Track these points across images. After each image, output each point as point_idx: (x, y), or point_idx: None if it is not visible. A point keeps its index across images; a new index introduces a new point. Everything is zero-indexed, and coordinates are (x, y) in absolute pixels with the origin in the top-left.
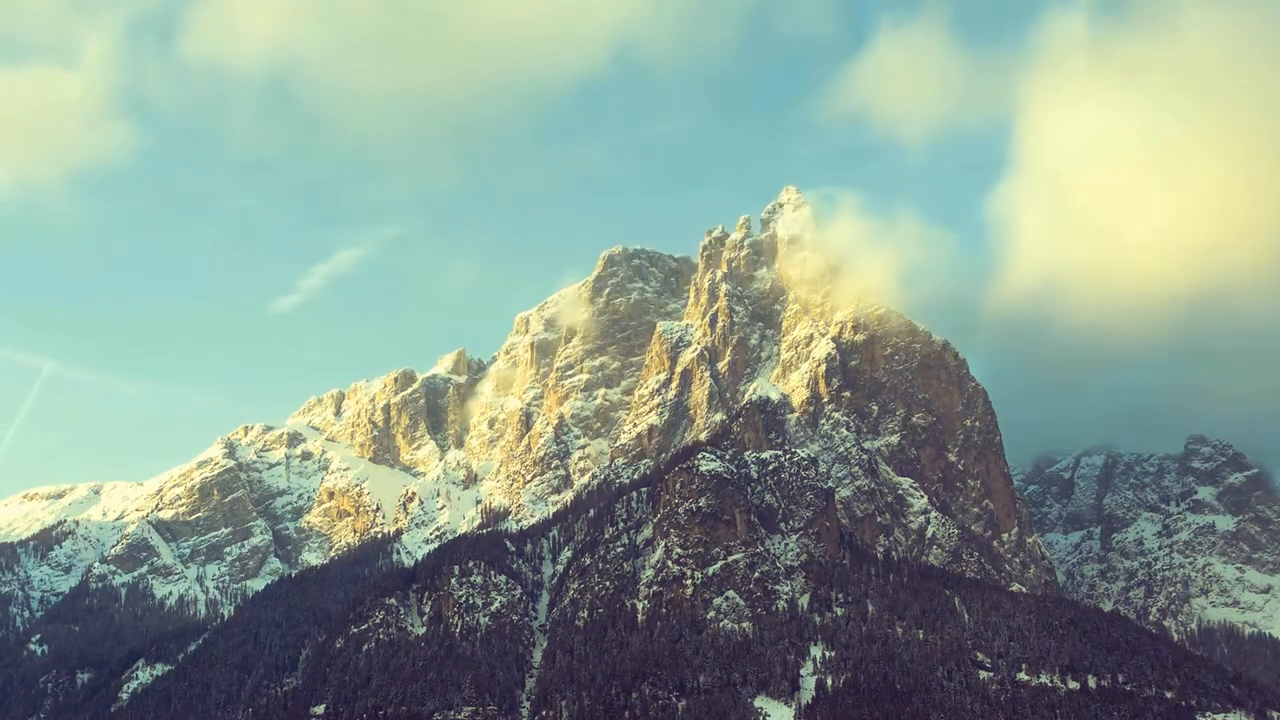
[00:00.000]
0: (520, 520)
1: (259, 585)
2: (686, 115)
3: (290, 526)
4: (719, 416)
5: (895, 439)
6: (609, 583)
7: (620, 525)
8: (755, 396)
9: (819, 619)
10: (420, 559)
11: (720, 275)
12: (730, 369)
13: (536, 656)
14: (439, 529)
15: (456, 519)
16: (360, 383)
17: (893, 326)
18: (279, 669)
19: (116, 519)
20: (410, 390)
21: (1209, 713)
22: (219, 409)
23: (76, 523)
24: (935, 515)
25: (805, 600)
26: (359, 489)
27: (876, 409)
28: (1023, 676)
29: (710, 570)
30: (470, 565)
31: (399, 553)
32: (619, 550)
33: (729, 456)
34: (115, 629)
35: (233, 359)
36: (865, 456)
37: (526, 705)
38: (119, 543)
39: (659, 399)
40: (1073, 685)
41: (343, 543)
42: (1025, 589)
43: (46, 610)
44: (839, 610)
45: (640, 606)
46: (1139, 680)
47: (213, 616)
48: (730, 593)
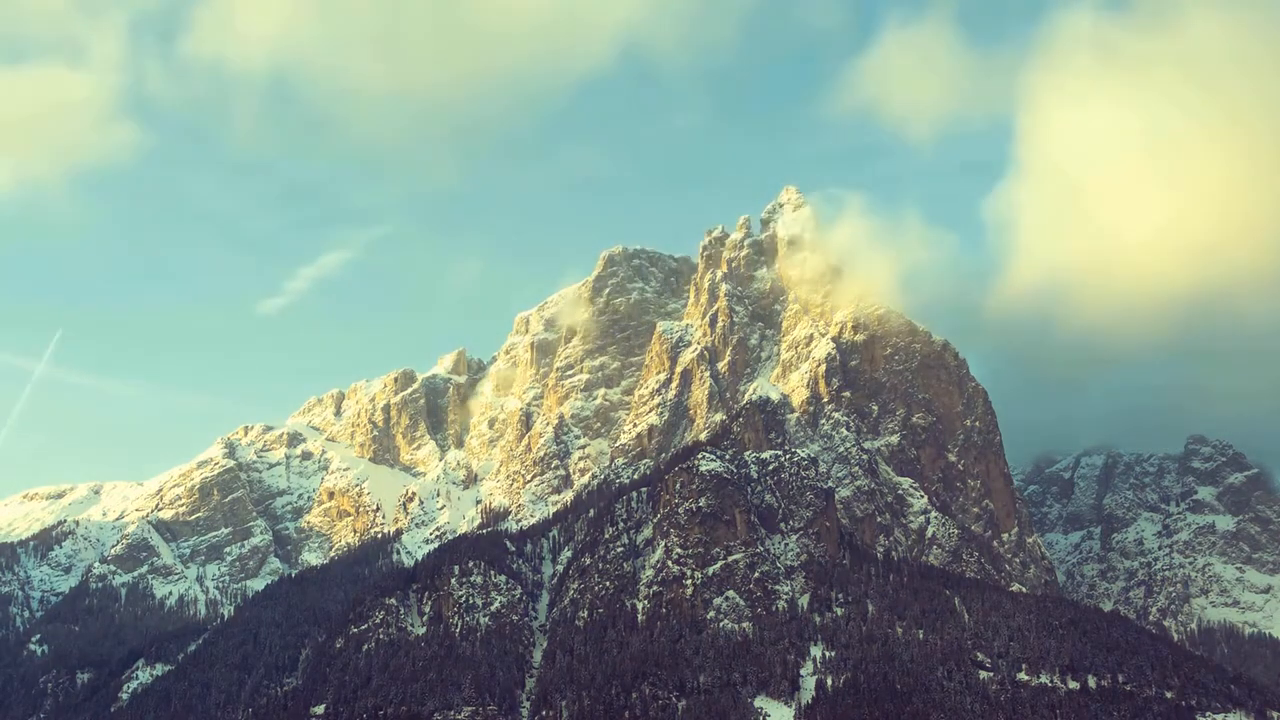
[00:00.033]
0: (520, 520)
1: (259, 585)
2: (689, 114)
3: (290, 526)
4: (719, 416)
5: (895, 439)
6: (609, 583)
7: (620, 525)
8: (755, 396)
9: (819, 619)
10: (420, 559)
11: (720, 275)
12: (730, 369)
13: (536, 656)
14: (439, 529)
15: (456, 519)
16: (360, 383)
17: (893, 326)
18: (279, 669)
19: (116, 519)
20: (410, 390)
21: (1209, 713)
22: (219, 410)
23: (76, 523)
24: (935, 515)
25: (805, 600)
26: (359, 489)
27: (876, 409)
28: (1023, 676)
29: (710, 570)
30: (470, 565)
31: (399, 553)
32: (619, 550)
33: (729, 456)
34: (115, 629)
35: (233, 359)
36: (865, 456)
37: (526, 705)
38: (119, 543)
39: (659, 399)
40: (1073, 685)
41: (343, 543)
42: (1025, 589)
43: (46, 610)
44: (839, 610)
45: (640, 606)
46: (1139, 680)
47: (213, 616)
48: (730, 593)
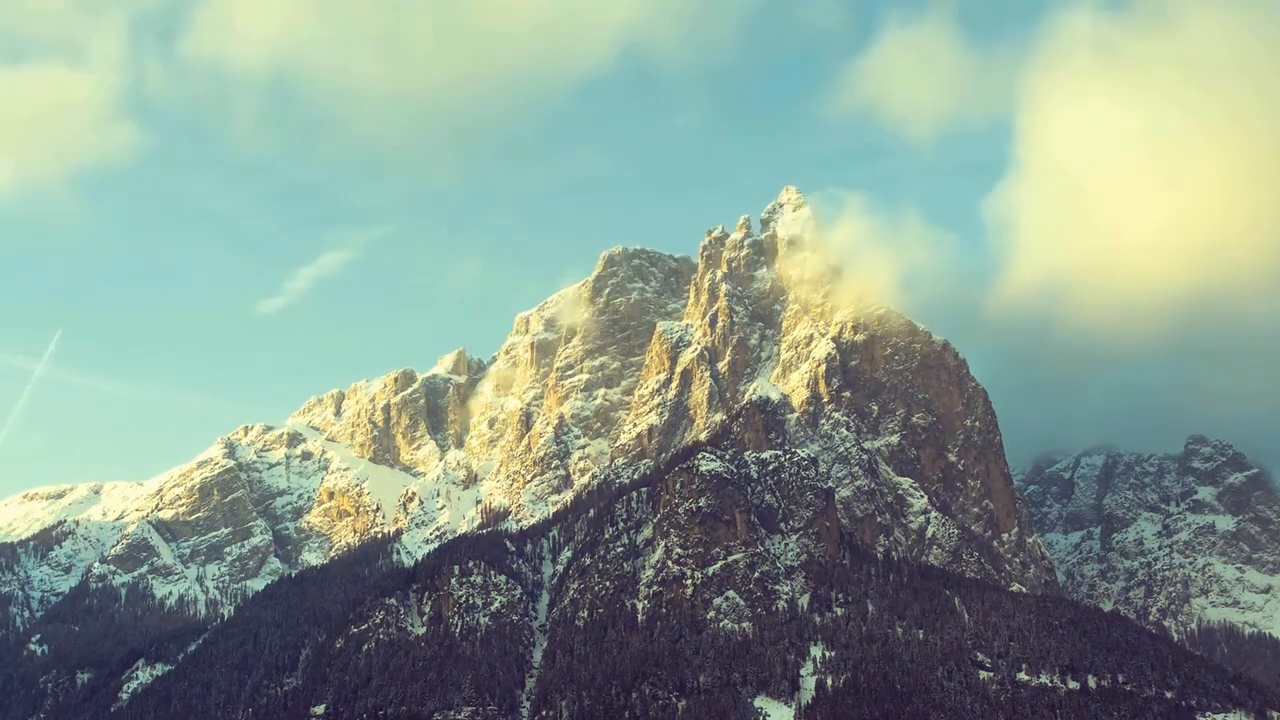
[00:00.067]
0: (520, 520)
1: (259, 585)
2: (689, 114)
3: (290, 526)
4: (719, 416)
5: (895, 439)
6: (609, 583)
7: (620, 525)
8: (755, 396)
9: (819, 619)
10: (420, 559)
11: (720, 275)
12: (730, 369)
13: (536, 656)
14: (439, 529)
15: (456, 519)
16: (360, 383)
17: (893, 326)
18: (279, 669)
19: (116, 519)
20: (410, 390)
21: (1209, 713)
22: (219, 410)
23: (76, 523)
24: (935, 515)
25: (805, 600)
26: (359, 489)
27: (876, 409)
28: (1023, 676)
29: (710, 570)
30: (470, 565)
31: (399, 553)
32: (619, 550)
33: (729, 456)
34: (115, 629)
35: (233, 359)
36: (865, 456)
37: (526, 705)
38: (119, 543)
39: (659, 399)
40: (1073, 685)
41: (343, 543)
42: (1025, 589)
43: (46, 610)
44: (839, 610)
45: (640, 606)
46: (1139, 680)
47: (213, 616)
48: (730, 593)
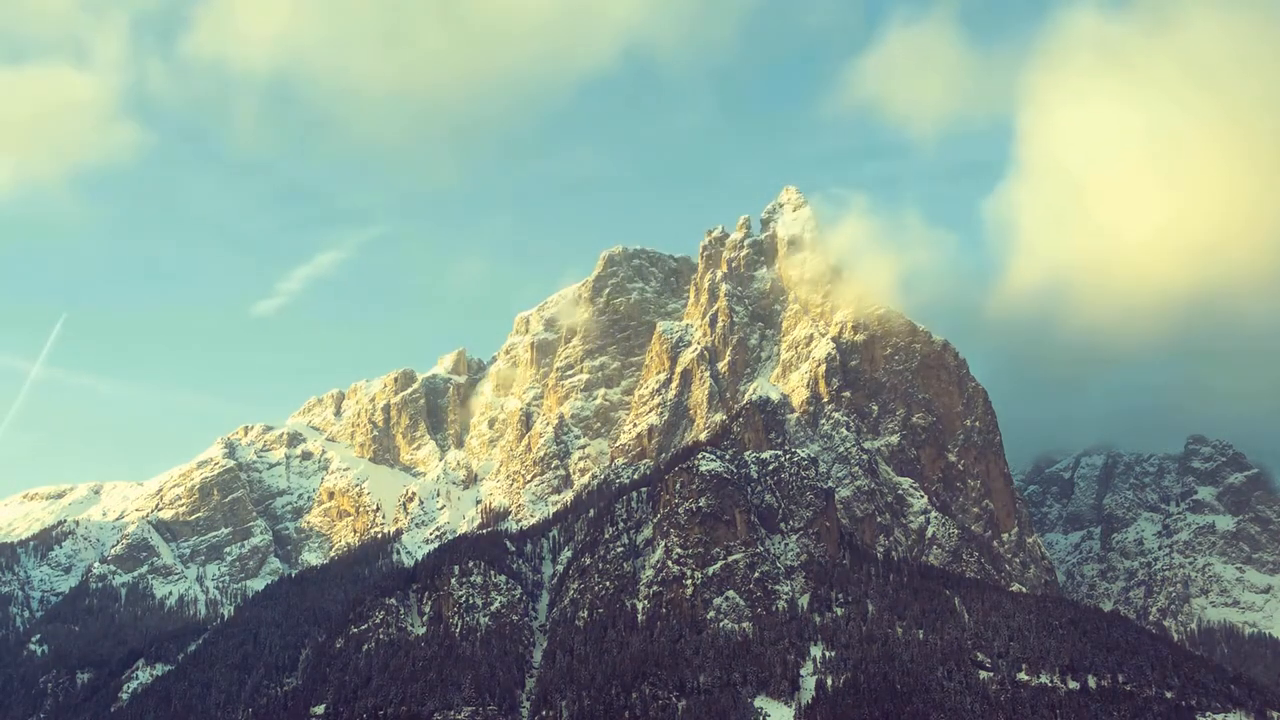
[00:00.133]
0: (520, 520)
1: (259, 585)
2: (690, 114)
3: (290, 526)
4: (719, 416)
5: (895, 439)
6: (609, 583)
7: (620, 525)
8: (755, 396)
9: (819, 619)
10: (420, 559)
11: (720, 275)
12: (730, 369)
13: (536, 656)
14: (439, 529)
15: (456, 519)
16: (360, 383)
17: (893, 326)
18: (279, 669)
19: (116, 519)
20: (410, 390)
21: (1209, 713)
22: (219, 410)
23: (76, 523)
24: (935, 515)
25: (805, 600)
26: (359, 489)
27: (876, 409)
28: (1023, 676)
29: (710, 570)
30: (470, 565)
31: (399, 553)
32: (619, 550)
33: (729, 456)
34: (115, 629)
35: (232, 359)
36: (865, 456)
37: (526, 705)
38: (119, 543)
39: (659, 399)
40: (1073, 685)
41: (343, 543)
42: (1025, 589)
43: (46, 610)
44: (839, 610)
45: (640, 606)
46: (1139, 680)
47: (213, 616)
48: (730, 593)
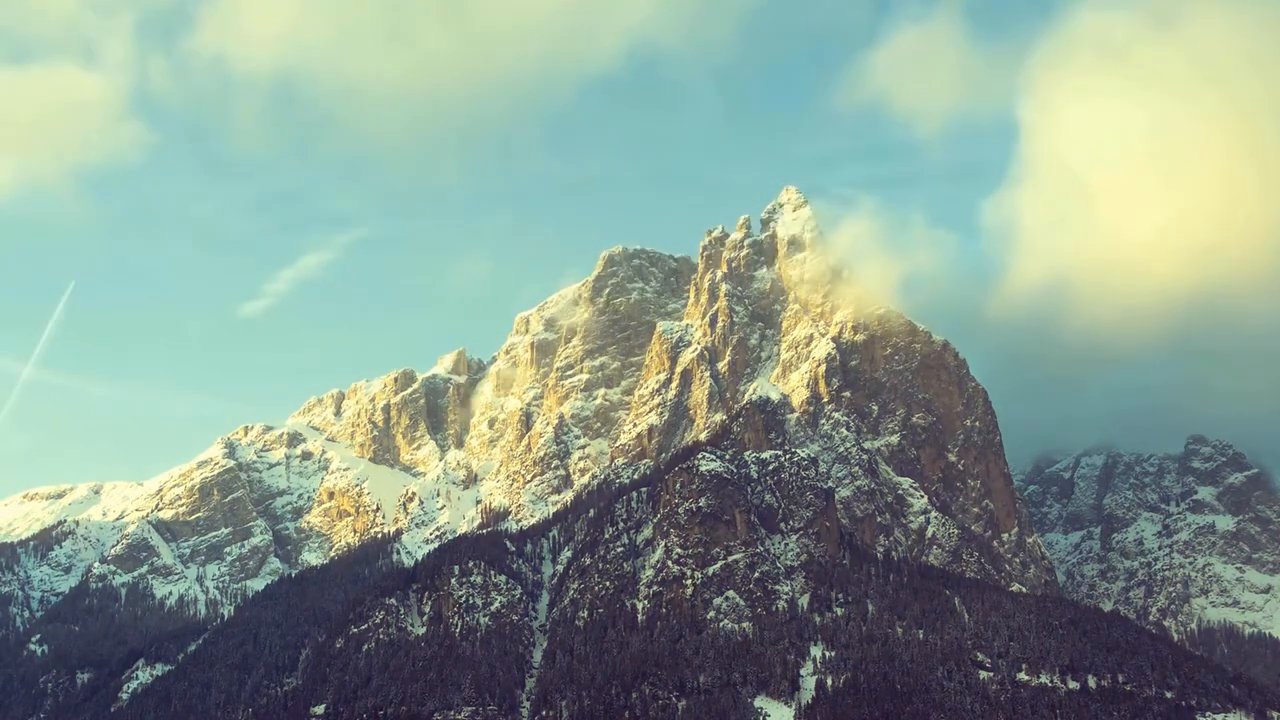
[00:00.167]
0: (520, 520)
1: (259, 585)
2: (693, 113)
3: (290, 526)
4: (719, 416)
5: (895, 439)
6: (609, 583)
7: (620, 525)
8: (755, 396)
9: (819, 619)
10: (420, 559)
11: (720, 275)
12: (730, 369)
13: (536, 656)
14: (439, 529)
15: (456, 519)
16: (360, 383)
17: (893, 326)
18: (279, 669)
19: (116, 519)
20: (410, 390)
21: (1209, 713)
22: (219, 410)
23: (76, 523)
24: (935, 515)
25: (805, 600)
26: (359, 489)
27: (876, 409)
28: (1023, 676)
29: (710, 570)
30: (470, 565)
31: (399, 553)
32: (619, 550)
33: (729, 456)
34: (115, 629)
35: (232, 359)
36: (865, 456)
37: (526, 705)
38: (119, 543)
39: (659, 399)
40: (1073, 685)
41: (343, 543)
42: (1025, 589)
43: (46, 610)
44: (839, 610)
45: (640, 606)
46: (1139, 680)
47: (213, 616)
48: (730, 593)
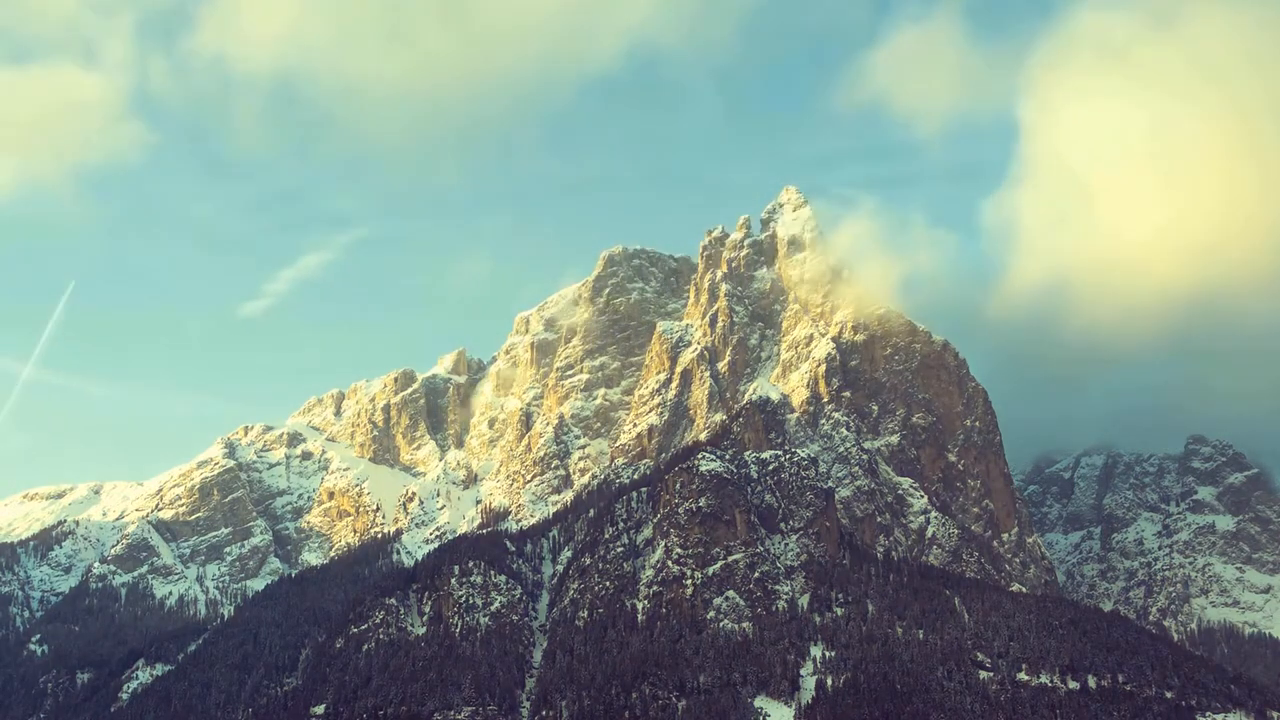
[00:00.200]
0: (520, 520)
1: (259, 585)
2: (693, 113)
3: (290, 526)
4: (719, 416)
5: (895, 439)
6: (609, 583)
7: (620, 525)
8: (755, 396)
9: (819, 619)
10: (420, 559)
11: (720, 275)
12: (730, 369)
13: (536, 656)
14: (439, 529)
15: (456, 519)
16: (360, 383)
17: (893, 326)
18: (279, 669)
19: (116, 519)
20: (410, 390)
21: (1209, 713)
22: (219, 410)
23: (76, 523)
24: (935, 515)
25: (805, 600)
26: (359, 489)
27: (876, 409)
28: (1023, 676)
29: (710, 570)
30: (470, 565)
31: (399, 553)
32: (619, 550)
33: (729, 456)
34: (115, 629)
35: (232, 360)
36: (865, 456)
37: (526, 705)
38: (119, 543)
39: (659, 399)
40: (1073, 685)
41: (343, 543)
42: (1025, 589)
43: (46, 610)
44: (839, 610)
45: (640, 606)
46: (1139, 680)
47: (213, 616)
48: (730, 593)
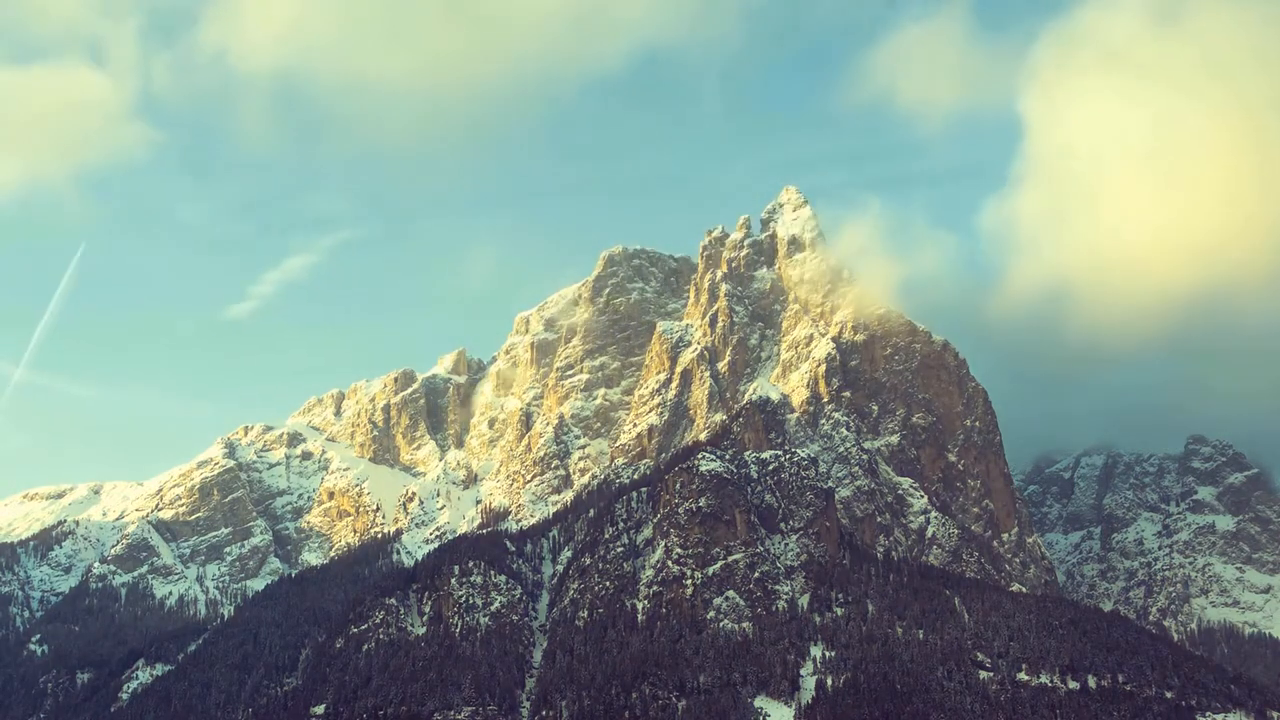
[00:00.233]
0: (520, 520)
1: (259, 585)
2: (695, 113)
3: (290, 526)
4: (719, 416)
5: (895, 439)
6: (609, 583)
7: (620, 525)
8: (755, 396)
9: (819, 619)
10: (420, 559)
11: (720, 275)
12: (730, 369)
13: (536, 656)
14: (439, 529)
15: (456, 519)
16: (360, 383)
17: (893, 326)
18: (279, 669)
19: (116, 519)
20: (410, 390)
21: (1209, 713)
22: (219, 410)
23: (76, 523)
24: (935, 515)
25: (805, 600)
26: (359, 489)
27: (876, 409)
28: (1023, 676)
29: (710, 570)
30: (470, 565)
31: (399, 553)
32: (619, 550)
33: (729, 456)
34: (115, 629)
35: (232, 360)
36: (865, 456)
37: (526, 705)
38: (119, 543)
39: (659, 399)
40: (1073, 685)
41: (343, 543)
42: (1025, 589)
43: (46, 610)
44: (839, 610)
45: (640, 606)
46: (1139, 680)
47: (213, 616)
48: (730, 593)
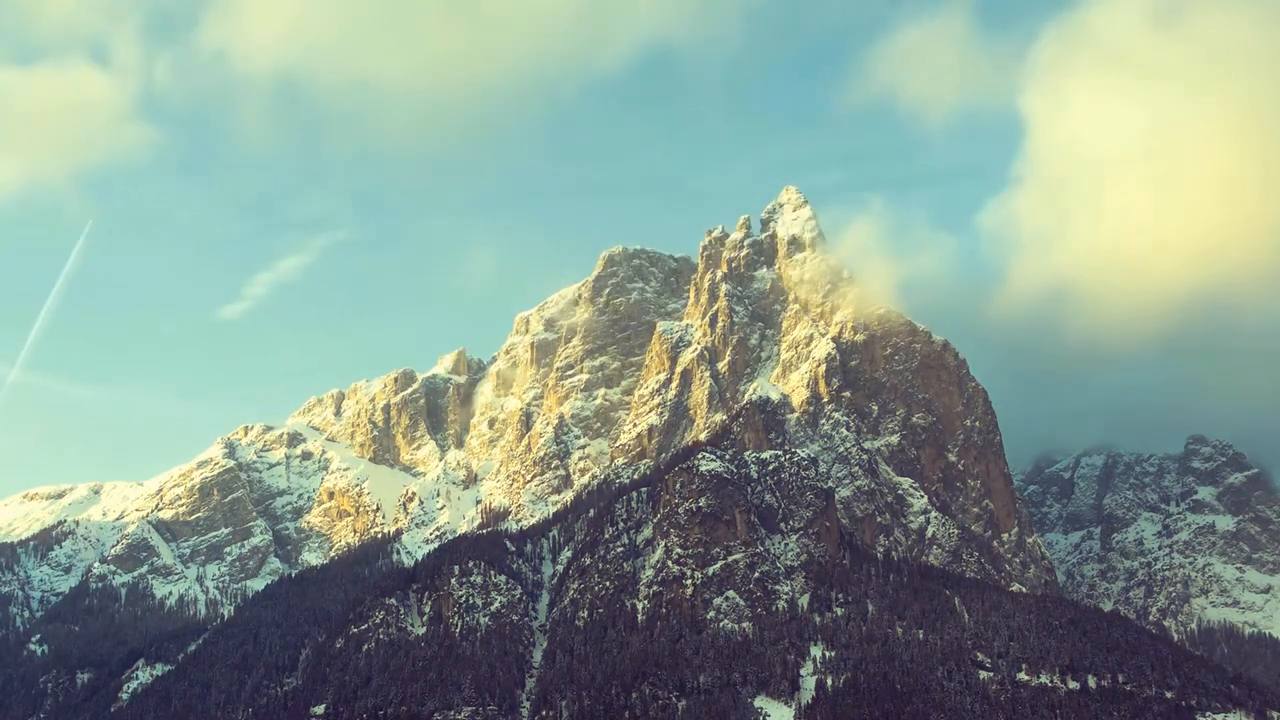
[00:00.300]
0: (520, 520)
1: (259, 585)
2: (696, 113)
3: (290, 526)
4: (719, 416)
5: (895, 439)
6: (609, 583)
7: (620, 525)
8: (755, 396)
9: (819, 619)
10: (420, 559)
11: (720, 275)
12: (730, 369)
13: (536, 656)
14: (439, 529)
15: (456, 519)
16: (360, 383)
17: (893, 326)
18: (279, 669)
19: (116, 519)
20: (410, 390)
21: (1209, 713)
22: (219, 410)
23: (76, 523)
24: (935, 515)
25: (805, 600)
26: (359, 489)
27: (876, 409)
28: (1023, 676)
29: (710, 570)
30: (470, 565)
31: (399, 553)
32: (619, 550)
33: (729, 456)
34: (115, 629)
35: (232, 360)
36: (865, 456)
37: (526, 705)
38: (119, 543)
39: (659, 399)
40: (1073, 685)
41: (343, 543)
42: (1025, 589)
43: (46, 610)
44: (839, 610)
45: (640, 606)
46: (1139, 680)
47: (213, 616)
48: (730, 593)
